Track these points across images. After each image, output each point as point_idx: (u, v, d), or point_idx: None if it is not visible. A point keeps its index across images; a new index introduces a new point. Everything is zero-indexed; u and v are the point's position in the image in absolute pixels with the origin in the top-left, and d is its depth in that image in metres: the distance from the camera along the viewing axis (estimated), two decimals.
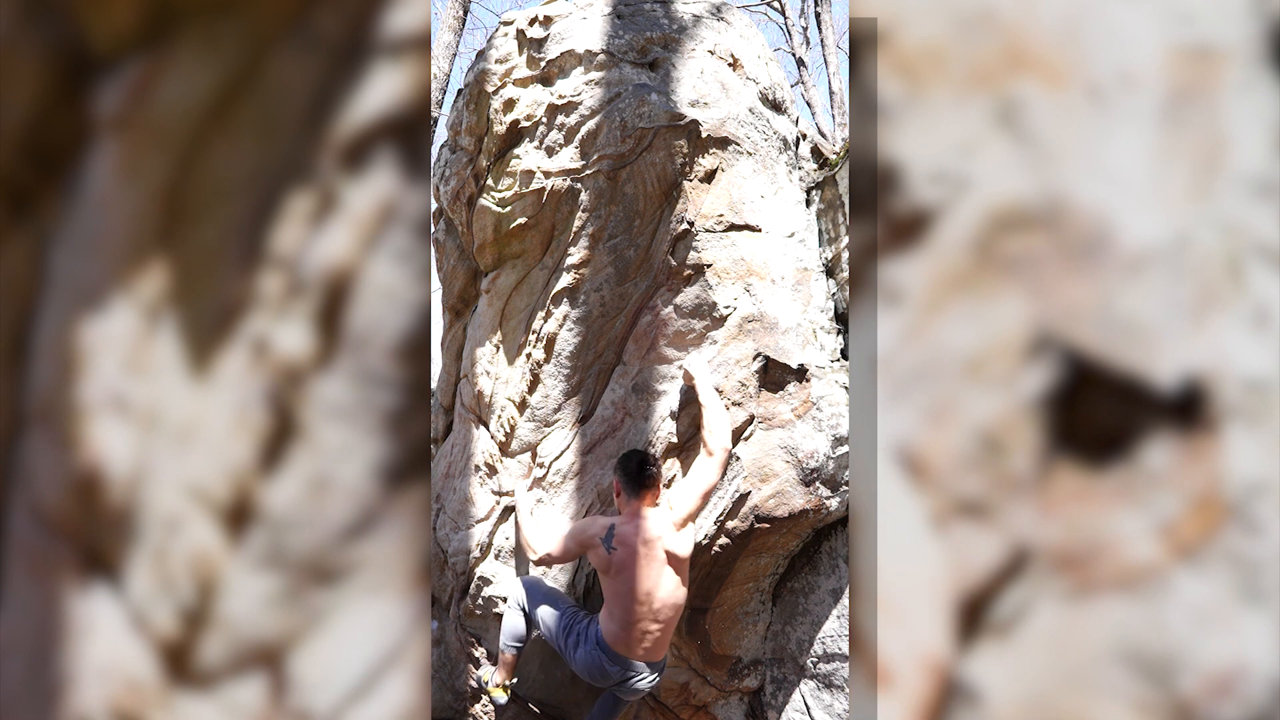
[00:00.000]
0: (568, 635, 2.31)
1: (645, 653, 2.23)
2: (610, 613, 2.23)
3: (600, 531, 2.24)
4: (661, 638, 2.24)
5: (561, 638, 2.32)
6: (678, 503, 2.25)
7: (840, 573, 2.58)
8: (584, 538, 2.27)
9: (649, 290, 2.54)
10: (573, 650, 2.29)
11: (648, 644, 2.22)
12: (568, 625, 2.32)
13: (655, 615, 2.19)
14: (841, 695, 2.52)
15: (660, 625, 2.21)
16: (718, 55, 2.64)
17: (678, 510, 2.23)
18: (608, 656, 2.22)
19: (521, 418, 2.68)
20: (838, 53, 7.09)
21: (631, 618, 2.18)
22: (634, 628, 2.19)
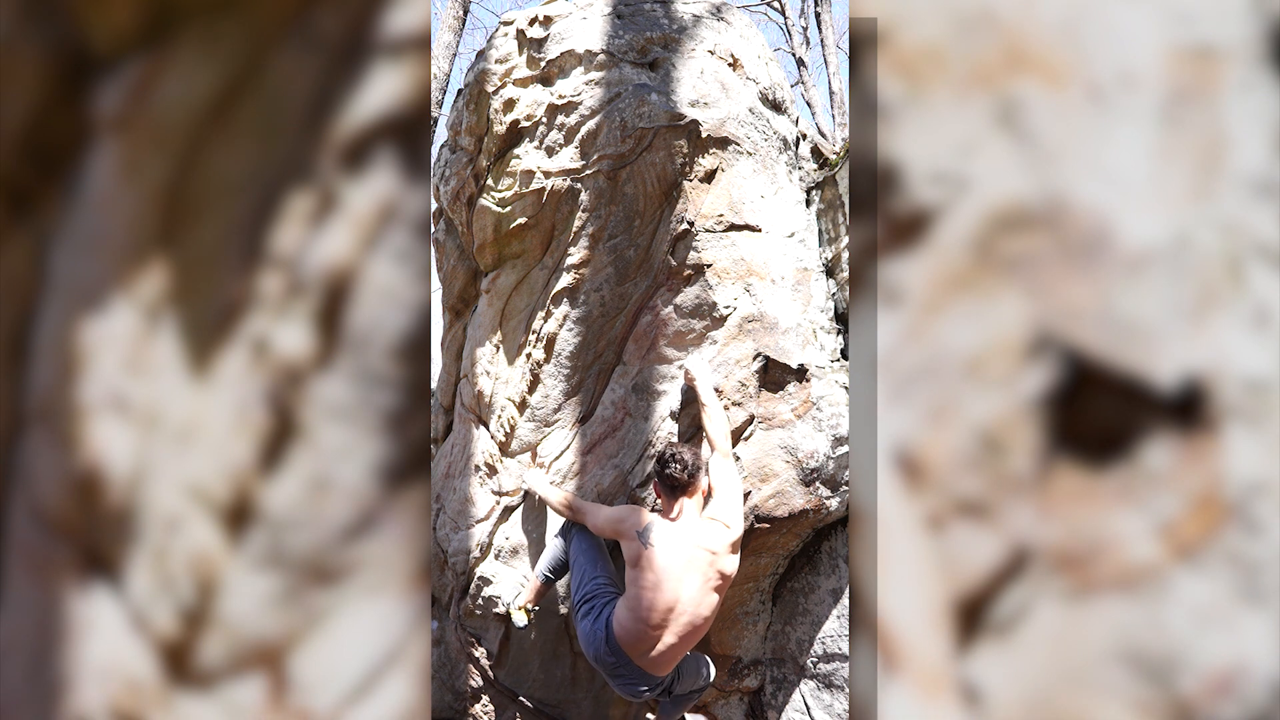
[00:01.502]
0: (585, 601, 2.20)
1: (649, 661, 2.09)
2: (629, 606, 2.09)
3: (639, 524, 2.12)
4: (672, 652, 2.09)
5: (578, 598, 2.22)
6: (734, 521, 2.13)
7: (840, 573, 2.58)
8: (622, 526, 2.16)
9: (649, 290, 2.54)
10: (580, 617, 2.19)
11: (655, 653, 2.07)
12: (590, 593, 2.20)
13: (677, 626, 2.06)
14: (841, 695, 2.52)
15: (677, 638, 2.07)
16: (718, 55, 2.64)
17: (735, 529, 2.12)
18: (609, 646, 2.10)
19: (521, 418, 2.68)
20: (838, 53, 7.09)
21: (649, 621, 2.05)
22: (648, 632, 2.06)
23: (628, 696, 2.21)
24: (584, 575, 2.26)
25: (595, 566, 2.28)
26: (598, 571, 2.26)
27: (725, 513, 2.14)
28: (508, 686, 2.76)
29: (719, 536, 2.11)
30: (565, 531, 2.41)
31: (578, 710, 2.74)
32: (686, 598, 2.06)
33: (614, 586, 2.26)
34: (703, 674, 2.37)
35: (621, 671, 2.13)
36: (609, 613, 2.14)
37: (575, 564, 2.31)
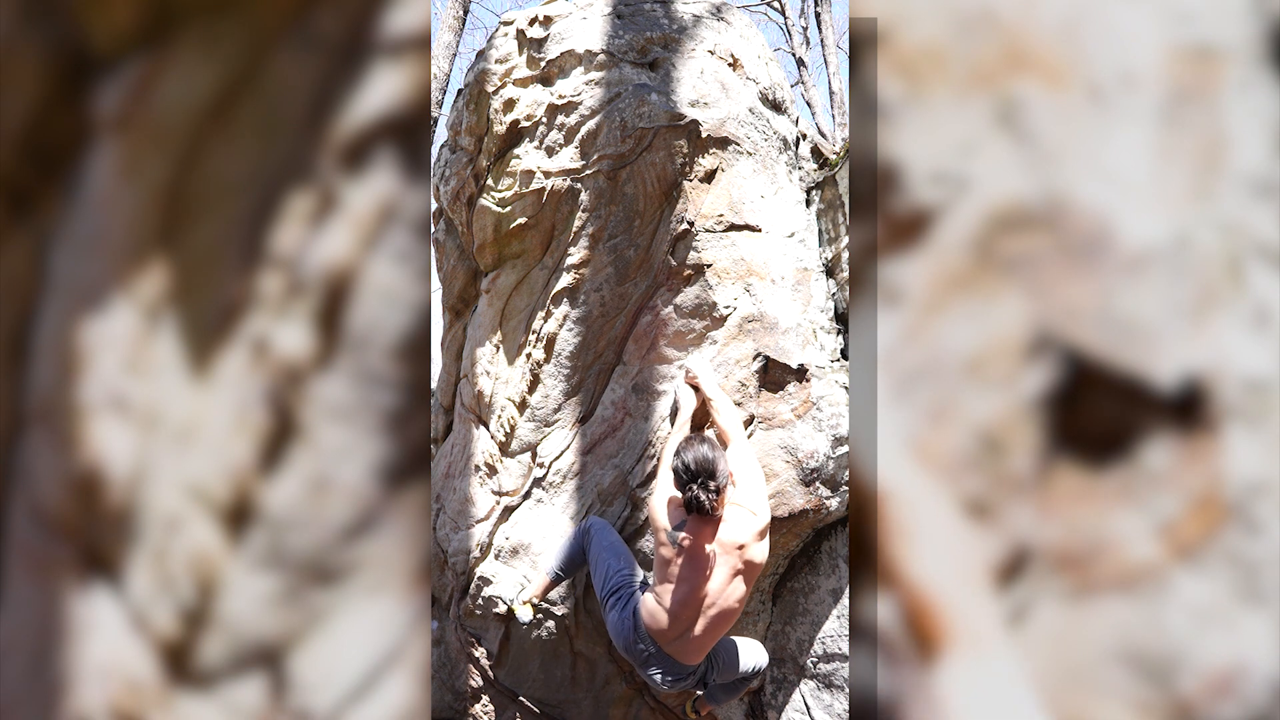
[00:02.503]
0: (612, 593, 2.22)
1: (679, 649, 2.11)
2: (659, 594, 2.11)
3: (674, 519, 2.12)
4: (701, 641, 2.12)
5: (605, 592, 2.23)
6: (760, 508, 2.14)
7: (840, 573, 2.58)
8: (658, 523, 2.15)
9: (649, 290, 2.54)
10: (608, 609, 2.20)
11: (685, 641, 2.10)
12: (616, 585, 2.22)
13: (706, 616, 2.08)
14: (841, 695, 2.52)
15: (707, 627, 2.09)
16: (718, 55, 2.64)
17: (762, 516, 2.13)
18: (638, 634, 2.12)
19: (521, 418, 2.68)
20: (838, 53, 7.09)
21: (679, 610, 2.07)
22: (678, 620, 2.08)
23: (660, 687, 2.22)
24: (609, 569, 2.27)
25: (619, 560, 2.30)
26: (622, 564, 2.28)
27: (751, 499, 2.15)
28: (508, 686, 2.76)
29: (747, 525, 2.11)
30: (584, 530, 2.41)
31: (578, 710, 2.73)
32: (715, 588, 2.08)
33: (638, 578, 2.29)
34: (746, 664, 2.38)
35: (653, 660, 2.14)
36: (636, 602, 2.16)
37: (599, 560, 2.31)
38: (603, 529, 2.39)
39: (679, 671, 2.16)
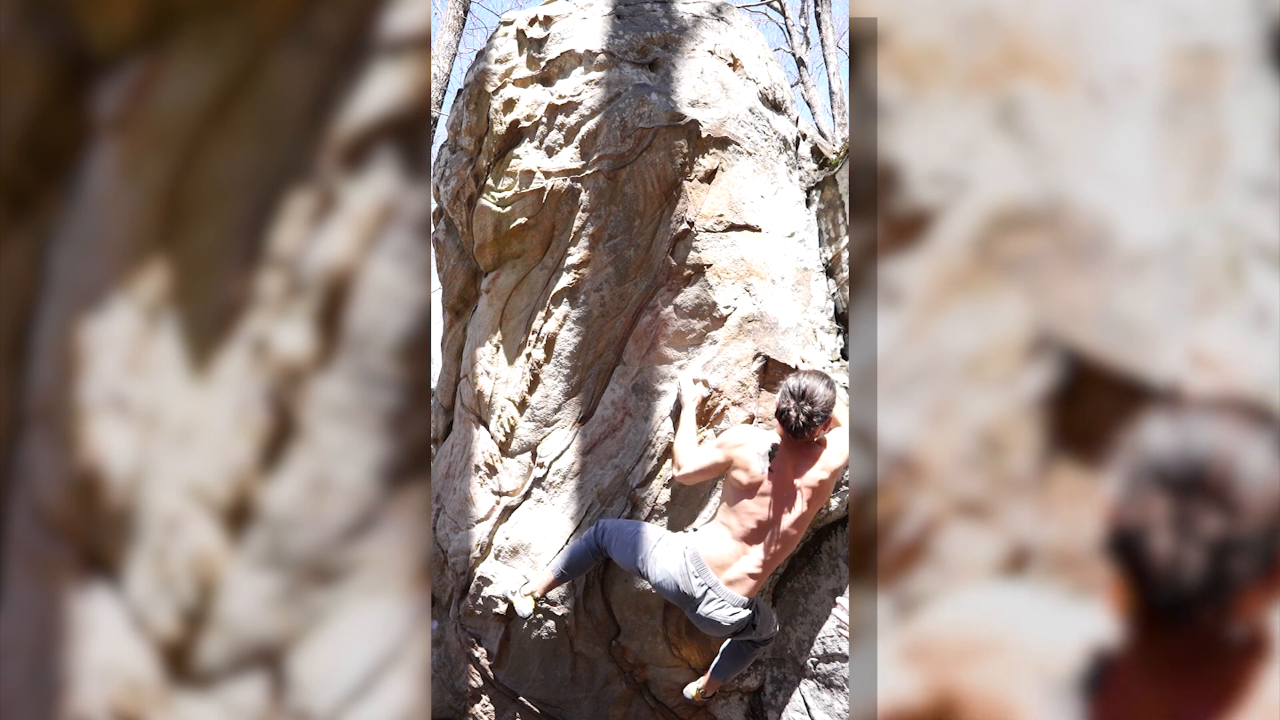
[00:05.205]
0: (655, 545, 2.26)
1: (734, 581, 2.17)
2: (728, 526, 2.17)
3: (762, 446, 2.16)
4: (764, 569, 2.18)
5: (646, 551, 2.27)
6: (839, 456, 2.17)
7: (840, 573, 2.58)
8: (738, 452, 2.18)
9: (649, 290, 2.54)
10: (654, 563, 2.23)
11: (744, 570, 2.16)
12: (657, 539, 2.28)
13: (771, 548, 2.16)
14: (841, 695, 2.52)
15: (771, 556, 2.17)
16: (718, 55, 2.64)
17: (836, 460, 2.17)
18: (696, 566, 2.16)
19: (521, 418, 2.68)
20: (838, 53, 7.08)
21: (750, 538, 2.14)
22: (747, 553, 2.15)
23: (712, 631, 2.24)
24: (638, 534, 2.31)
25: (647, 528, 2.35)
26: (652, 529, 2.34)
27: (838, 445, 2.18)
28: (508, 686, 2.76)
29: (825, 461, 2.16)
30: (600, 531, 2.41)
31: (578, 710, 2.74)
32: (787, 517, 2.15)
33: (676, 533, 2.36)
34: (773, 624, 2.43)
35: (711, 594, 2.16)
36: (690, 541, 2.22)
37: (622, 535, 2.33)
38: (618, 522, 2.44)
39: (736, 602, 2.18)
